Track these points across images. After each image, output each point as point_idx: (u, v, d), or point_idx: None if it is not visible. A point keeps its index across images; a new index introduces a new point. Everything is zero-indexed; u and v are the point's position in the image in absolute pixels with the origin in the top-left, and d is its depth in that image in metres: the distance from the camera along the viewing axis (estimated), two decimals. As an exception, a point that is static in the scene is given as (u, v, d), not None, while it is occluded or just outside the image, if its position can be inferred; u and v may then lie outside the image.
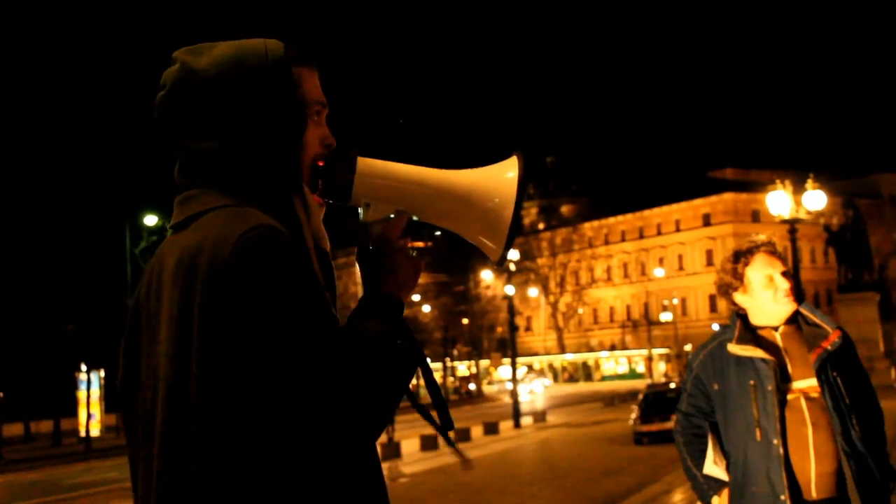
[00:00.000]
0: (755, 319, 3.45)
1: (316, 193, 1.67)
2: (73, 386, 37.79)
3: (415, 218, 1.69)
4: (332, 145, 1.69)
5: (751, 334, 3.41)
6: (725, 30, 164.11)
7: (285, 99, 1.60)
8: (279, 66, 1.61)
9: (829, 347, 3.30)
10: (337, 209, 1.71)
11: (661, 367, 77.28)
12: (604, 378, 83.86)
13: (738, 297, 3.48)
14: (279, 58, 1.62)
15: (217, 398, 1.43)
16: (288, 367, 1.41)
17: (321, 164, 1.66)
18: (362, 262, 1.67)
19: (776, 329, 3.42)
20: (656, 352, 78.49)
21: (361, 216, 1.67)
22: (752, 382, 3.31)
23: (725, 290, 3.51)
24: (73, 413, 37.95)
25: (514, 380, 35.26)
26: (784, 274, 3.39)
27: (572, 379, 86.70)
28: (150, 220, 34.86)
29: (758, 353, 3.33)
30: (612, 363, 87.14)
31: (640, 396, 25.60)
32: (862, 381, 3.41)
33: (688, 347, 71.61)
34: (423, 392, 1.87)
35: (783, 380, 3.31)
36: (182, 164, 1.63)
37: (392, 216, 1.66)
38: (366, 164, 1.65)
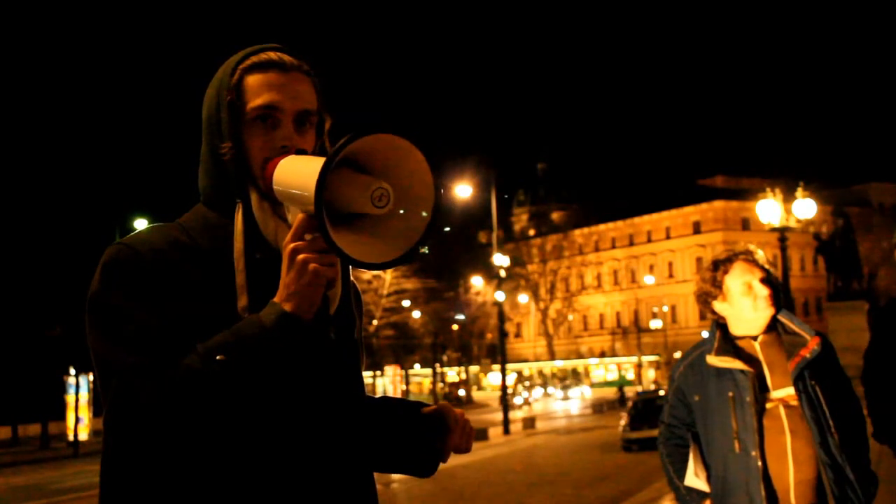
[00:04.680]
0: (735, 329, 3.45)
1: None
2: (62, 389, 37.56)
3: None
4: (289, 147, 1.67)
5: (730, 345, 3.41)
6: (717, 38, 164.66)
7: (219, 109, 1.69)
8: (223, 78, 1.70)
9: (807, 355, 3.28)
10: None
11: (650, 374, 77.34)
12: (593, 385, 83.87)
13: (718, 306, 3.48)
14: (228, 70, 1.71)
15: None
16: (101, 368, 1.58)
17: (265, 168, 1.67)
18: None
19: (755, 339, 3.41)
20: (646, 359, 78.55)
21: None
22: (730, 394, 3.31)
23: (705, 298, 3.52)
24: (62, 416, 37.72)
25: (503, 386, 35.22)
26: (763, 281, 3.38)
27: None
28: (141, 223, 34.68)
29: (736, 364, 3.32)
30: (602, 370, 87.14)
31: (630, 404, 25.62)
32: (843, 388, 3.39)
33: (677, 355, 71.40)
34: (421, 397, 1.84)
35: (762, 390, 3.30)
36: None
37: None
38: (281, 167, 1.61)
